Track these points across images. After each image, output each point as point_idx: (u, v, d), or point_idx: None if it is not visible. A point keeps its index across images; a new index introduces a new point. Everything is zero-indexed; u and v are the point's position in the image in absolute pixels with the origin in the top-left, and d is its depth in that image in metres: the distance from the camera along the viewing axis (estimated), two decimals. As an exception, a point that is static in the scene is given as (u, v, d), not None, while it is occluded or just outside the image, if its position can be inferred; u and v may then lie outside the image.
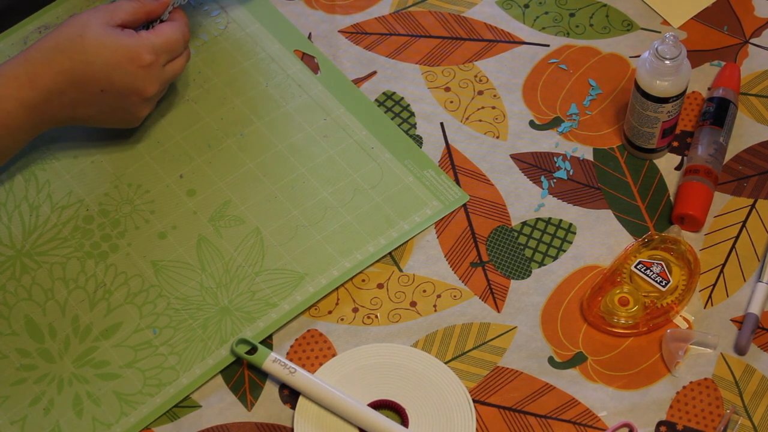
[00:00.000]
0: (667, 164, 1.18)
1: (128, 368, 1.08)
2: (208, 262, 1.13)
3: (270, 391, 1.07)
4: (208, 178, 1.18)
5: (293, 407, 1.06)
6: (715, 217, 1.15)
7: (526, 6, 1.29)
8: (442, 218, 1.15)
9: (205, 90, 1.23)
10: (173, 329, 1.09)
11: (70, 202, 1.16)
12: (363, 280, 1.12)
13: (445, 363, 1.08)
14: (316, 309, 1.11)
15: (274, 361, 1.06)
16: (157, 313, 1.10)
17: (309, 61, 1.25)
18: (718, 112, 1.17)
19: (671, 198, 1.16)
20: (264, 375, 1.08)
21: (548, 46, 1.26)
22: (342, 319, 1.10)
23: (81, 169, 1.18)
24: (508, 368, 1.08)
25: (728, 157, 1.18)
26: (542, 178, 1.18)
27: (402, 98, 1.23)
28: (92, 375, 1.07)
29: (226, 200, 1.16)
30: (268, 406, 1.06)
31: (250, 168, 1.18)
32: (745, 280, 1.11)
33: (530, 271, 1.13)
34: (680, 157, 1.19)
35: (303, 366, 1.08)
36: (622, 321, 1.08)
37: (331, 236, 1.14)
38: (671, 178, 1.17)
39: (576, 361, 1.08)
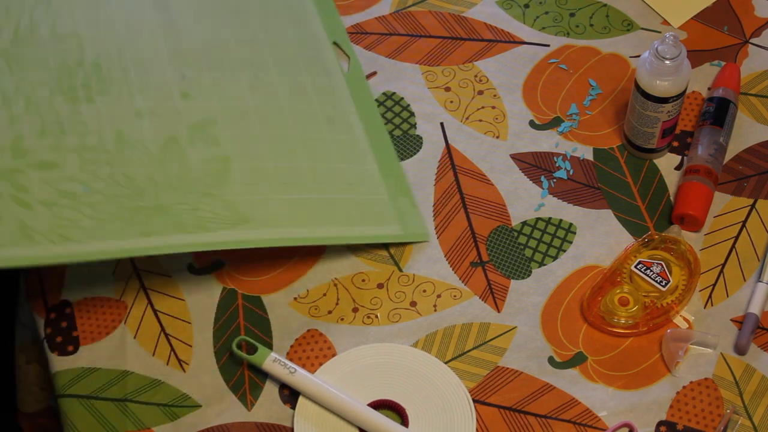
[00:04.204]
0: (667, 164, 1.18)
1: (43, 206, 1.03)
2: (169, 160, 1.10)
3: (270, 391, 1.07)
4: (207, 92, 1.16)
5: (293, 407, 1.06)
6: (715, 217, 1.15)
7: (526, 6, 1.29)
8: (442, 218, 1.15)
9: (242, 20, 1.22)
10: (104, 198, 1.05)
11: (70, 36, 1.13)
12: (363, 280, 1.12)
13: (445, 363, 1.08)
14: (316, 309, 1.11)
15: (274, 361, 1.06)
16: (97, 176, 1.06)
17: (341, 55, 1.25)
18: (718, 112, 1.17)
19: (671, 198, 1.16)
20: (264, 375, 1.08)
21: (548, 46, 1.26)
22: (342, 319, 1.10)
23: (96, 19, 1.16)
24: (508, 368, 1.08)
25: (728, 157, 1.18)
26: (542, 178, 1.18)
27: (402, 98, 1.23)
28: (7, 191, 1.03)
29: (212, 119, 1.14)
30: (268, 406, 1.06)
31: (250, 106, 1.17)
32: (745, 280, 1.11)
33: (530, 271, 1.12)
34: (680, 157, 1.19)
35: (303, 366, 1.08)
36: (622, 321, 1.08)
37: (290, 201, 1.12)
38: (671, 178, 1.17)
39: (576, 361, 1.08)
